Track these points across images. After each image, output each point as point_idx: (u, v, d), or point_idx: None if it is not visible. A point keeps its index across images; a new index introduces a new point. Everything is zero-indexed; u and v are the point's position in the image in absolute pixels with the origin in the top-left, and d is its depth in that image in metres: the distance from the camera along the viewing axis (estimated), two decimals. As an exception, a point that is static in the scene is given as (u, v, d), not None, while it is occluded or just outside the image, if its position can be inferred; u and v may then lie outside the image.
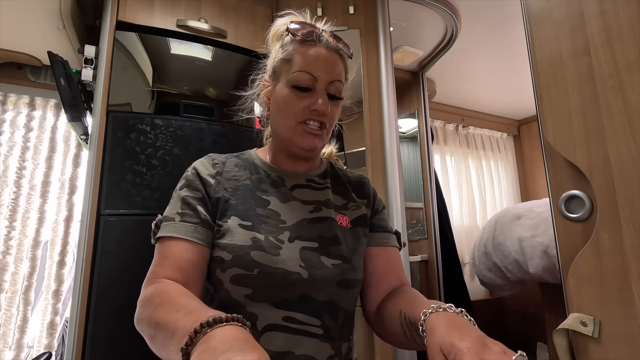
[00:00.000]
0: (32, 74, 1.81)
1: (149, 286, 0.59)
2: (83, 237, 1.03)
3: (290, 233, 0.64)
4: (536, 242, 1.55)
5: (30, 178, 1.76)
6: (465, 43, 1.96)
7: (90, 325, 0.97)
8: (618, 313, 0.64)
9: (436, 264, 2.02)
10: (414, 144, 2.29)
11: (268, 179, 0.71)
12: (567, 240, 0.74)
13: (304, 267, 0.61)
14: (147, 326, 0.53)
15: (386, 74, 1.37)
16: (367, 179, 0.82)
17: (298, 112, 0.66)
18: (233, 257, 0.60)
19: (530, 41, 0.82)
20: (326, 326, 0.62)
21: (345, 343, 0.65)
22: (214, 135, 1.22)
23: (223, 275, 0.61)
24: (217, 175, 0.68)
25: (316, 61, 0.65)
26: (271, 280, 0.59)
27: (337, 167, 0.82)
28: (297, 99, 0.66)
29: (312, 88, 0.66)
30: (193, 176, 0.67)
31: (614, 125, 0.67)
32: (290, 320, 0.60)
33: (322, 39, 0.67)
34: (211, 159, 0.71)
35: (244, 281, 0.59)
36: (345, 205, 0.73)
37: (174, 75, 1.24)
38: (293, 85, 0.66)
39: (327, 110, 0.65)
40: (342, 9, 1.42)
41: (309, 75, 0.65)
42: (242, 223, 0.63)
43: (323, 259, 0.63)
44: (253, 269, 0.59)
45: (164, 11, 1.26)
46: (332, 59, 0.67)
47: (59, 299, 1.72)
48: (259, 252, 0.60)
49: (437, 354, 0.44)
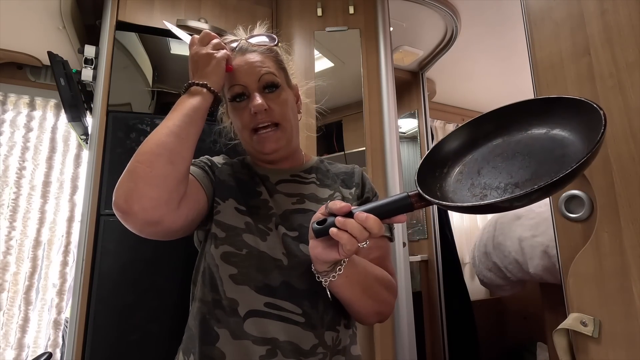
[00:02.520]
0: (32, 74, 1.81)
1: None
2: (83, 237, 1.03)
3: (275, 220, 0.68)
4: (536, 242, 1.55)
5: (31, 178, 1.76)
6: (465, 43, 1.96)
7: (90, 325, 0.97)
8: (618, 313, 0.64)
9: (436, 264, 2.02)
10: (414, 144, 2.29)
11: (257, 176, 0.75)
12: (567, 240, 0.74)
13: (285, 255, 0.65)
14: (141, 149, 0.58)
15: (386, 74, 1.37)
16: (358, 168, 0.82)
17: (246, 121, 0.70)
18: (226, 235, 0.65)
19: (530, 41, 0.82)
20: (307, 314, 0.63)
21: (331, 332, 0.65)
22: (214, 135, 1.21)
23: (215, 251, 0.65)
24: (224, 164, 0.76)
25: (241, 69, 0.70)
26: (256, 261, 0.63)
27: (327, 162, 0.83)
28: (239, 110, 0.70)
29: (247, 94, 0.69)
30: (203, 158, 0.76)
31: (614, 125, 0.67)
32: (272, 306, 0.62)
33: (243, 47, 0.72)
34: (221, 156, 0.80)
35: (231, 259, 0.63)
36: (330, 197, 0.74)
37: (174, 75, 1.24)
38: (230, 99, 0.71)
39: (265, 106, 0.67)
40: (342, 9, 1.42)
41: (238, 85, 0.69)
42: (238, 207, 0.68)
43: (302, 247, 0.65)
44: (242, 249, 0.64)
45: (164, 11, 1.26)
46: (252, 59, 0.70)
47: (62, 298, 1.72)
48: (250, 235, 0.65)
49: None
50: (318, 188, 0.75)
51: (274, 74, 0.71)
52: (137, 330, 0.99)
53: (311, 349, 0.61)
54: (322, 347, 0.62)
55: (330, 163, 0.83)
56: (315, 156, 0.85)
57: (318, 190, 0.74)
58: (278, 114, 0.70)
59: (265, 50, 0.72)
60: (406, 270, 1.25)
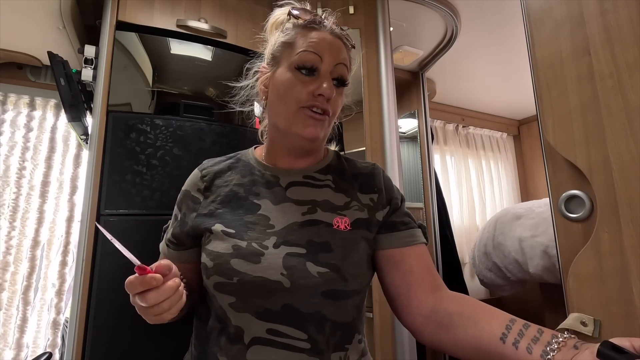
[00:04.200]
0: (32, 74, 1.81)
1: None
2: (83, 237, 1.03)
3: (277, 238, 0.61)
4: (536, 242, 1.55)
5: (30, 178, 1.75)
6: (465, 43, 1.96)
7: (90, 325, 0.97)
8: (618, 313, 0.64)
9: (436, 264, 2.02)
10: (414, 144, 2.29)
11: (262, 179, 0.68)
12: (567, 240, 0.74)
13: (286, 276, 0.57)
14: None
15: (386, 74, 1.37)
16: (378, 168, 0.73)
17: (301, 97, 0.61)
18: (214, 264, 0.59)
19: (530, 41, 0.82)
20: (313, 340, 0.58)
21: (338, 353, 0.60)
22: (214, 135, 1.22)
23: (208, 282, 0.61)
24: (205, 191, 0.68)
25: (321, 43, 0.63)
26: (251, 288, 0.57)
27: (344, 158, 0.75)
28: (300, 83, 0.62)
29: (317, 70, 0.62)
30: (183, 196, 0.70)
31: (614, 125, 0.67)
32: (274, 333, 0.57)
33: (325, 25, 0.65)
34: (200, 173, 0.71)
35: (226, 289, 0.59)
36: (347, 205, 0.67)
37: (174, 75, 1.24)
38: (297, 66, 0.62)
39: (333, 94, 0.62)
40: (342, 9, 1.42)
41: (315, 55, 0.62)
42: (225, 230, 0.62)
43: (309, 266, 0.58)
44: (232, 277, 0.58)
45: (164, 11, 1.26)
46: (337, 44, 0.65)
47: (61, 298, 1.72)
48: (238, 260, 0.58)
49: None
50: (333, 193, 0.68)
51: (347, 70, 0.66)
52: (137, 330, 0.99)
53: None
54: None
55: (348, 159, 0.75)
56: (333, 149, 0.78)
57: (332, 197, 0.67)
58: (334, 108, 0.64)
59: (346, 42, 0.67)
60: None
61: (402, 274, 0.65)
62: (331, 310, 0.59)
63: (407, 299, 0.64)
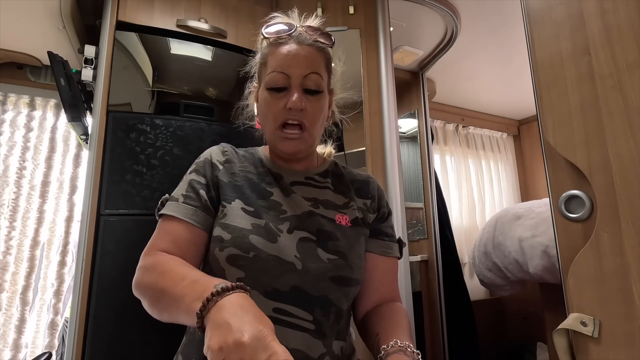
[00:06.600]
0: (32, 74, 1.81)
1: (149, 256, 0.61)
2: (83, 237, 1.03)
3: (290, 223, 0.65)
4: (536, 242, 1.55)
5: (30, 178, 1.75)
6: (465, 43, 1.96)
7: (90, 325, 0.97)
8: (618, 313, 0.64)
9: (436, 264, 2.02)
10: (414, 144, 2.29)
11: (270, 174, 0.72)
12: (567, 240, 0.74)
13: (299, 259, 0.61)
14: (150, 290, 0.56)
15: (386, 74, 1.37)
16: (373, 179, 0.80)
17: (277, 114, 0.66)
18: (232, 237, 0.61)
19: (530, 41, 0.82)
20: (318, 322, 0.61)
21: (339, 342, 0.64)
22: (214, 136, 1.22)
23: (220, 255, 0.62)
24: (225, 163, 0.71)
25: (286, 59, 0.65)
26: (264, 265, 0.60)
27: (341, 166, 0.80)
28: (273, 100, 0.66)
29: (287, 87, 0.65)
30: (203, 162, 0.71)
31: (614, 125, 0.67)
32: (281, 312, 0.59)
33: (293, 36, 0.67)
34: (221, 148, 0.74)
35: (238, 263, 0.60)
36: (346, 204, 0.72)
37: (174, 75, 1.24)
38: (268, 88, 0.66)
39: (302, 106, 0.64)
40: (342, 9, 1.42)
41: (281, 74, 0.65)
42: (245, 207, 0.65)
43: (319, 252, 0.63)
44: (249, 252, 0.60)
45: (164, 11, 1.26)
46: (305, 53, 0.66)
47: (60, 299, 1.72)
48: (257, 237, 0.61)
49: None
50: (333, 194, 0.72)
51: (321, 77, 0.67)
52: (137, 330, 0.99)
53: (319, 357, 0.60)
54: (329, 357, 0.61)
55: (344, 167, 0.80)
56: (329, 158, 0.83)
57: (333, 197, 0.72)
58: (310, 118, 0.67)
59: (320, 46, 0.68)
60: (406, 270, 1.25)
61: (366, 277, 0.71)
62: (337, 295, 0.63)
63: (355, 302, 0.73)
